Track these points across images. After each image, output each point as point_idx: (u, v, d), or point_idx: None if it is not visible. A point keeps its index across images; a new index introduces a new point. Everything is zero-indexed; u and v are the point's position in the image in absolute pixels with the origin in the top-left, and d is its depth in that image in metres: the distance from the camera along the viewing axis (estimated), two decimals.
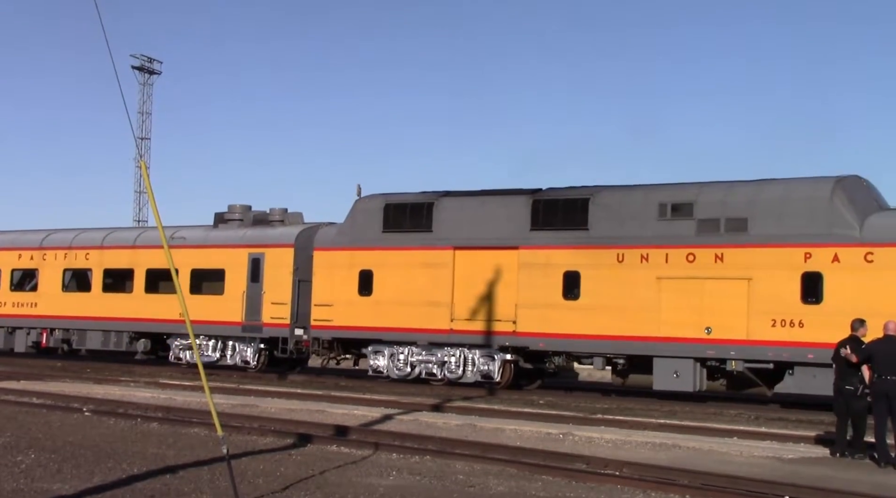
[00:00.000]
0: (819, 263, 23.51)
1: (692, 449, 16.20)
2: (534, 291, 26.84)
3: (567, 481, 12.73)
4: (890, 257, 22.71)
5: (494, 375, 27.68)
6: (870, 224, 23.29)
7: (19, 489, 10.99)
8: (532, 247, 26.92)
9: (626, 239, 25.70)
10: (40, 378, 27.47)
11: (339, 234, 30.47)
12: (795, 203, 24.18)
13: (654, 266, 25.22)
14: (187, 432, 16.57)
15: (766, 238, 24.09)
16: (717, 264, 24.54)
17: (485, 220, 27.89)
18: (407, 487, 11.99)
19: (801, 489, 12.22)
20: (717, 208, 24.94)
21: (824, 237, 23.47)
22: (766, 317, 23.86)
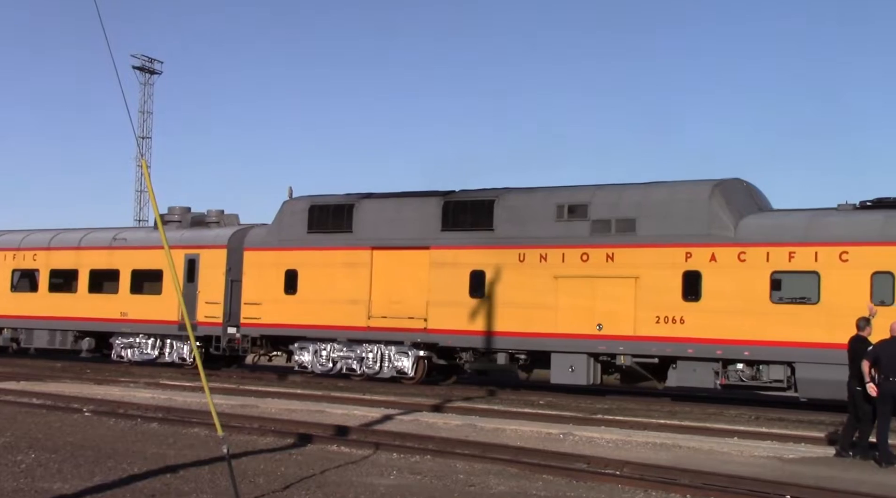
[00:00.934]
0: (698, 262, 24.64)
1: (693, 449, 16.19)
2: (443, 290, 27.92)
3: (568, 481, 12.72)
4: (759, 256, 23.87)
5: (408, 370, 28.67)
6: (744, 225, 24.42)
7: (20, 489, 10.99)
8: (442, 247, 28.04)
9: (527, 239, 26.78)
10: (40, 379, 27.47)
11: (267, 235, 31.50)
12: (678, 205, 25.27)
13: (552, 265, 26.36)
14: (187, 432, 16.56)
15: (652, 238, 25.21)
16: (608, 263, 25.70)
17: (400, 221, 28.95)
18: (407, 486, 11.99)
19: (803, 489, 12.21)
20: (609, 210, 26.03)
21: (703, 237, 24.59)
22: (651, 313, 24.97)
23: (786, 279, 23.78)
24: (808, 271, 23.42)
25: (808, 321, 23.24)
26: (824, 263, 23.28)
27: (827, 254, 23.28)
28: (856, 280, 22.84)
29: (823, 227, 23.73)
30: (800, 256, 23.53)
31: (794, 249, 23.61)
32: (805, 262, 23.46)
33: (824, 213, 24.41)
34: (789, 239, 23.79)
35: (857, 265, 22.94)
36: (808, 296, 23.48)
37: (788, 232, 23.95)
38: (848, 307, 22.14)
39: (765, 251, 23.92)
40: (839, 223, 23.69)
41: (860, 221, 23.46)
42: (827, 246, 23.33)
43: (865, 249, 22.92)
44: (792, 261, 23.61)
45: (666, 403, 24.72)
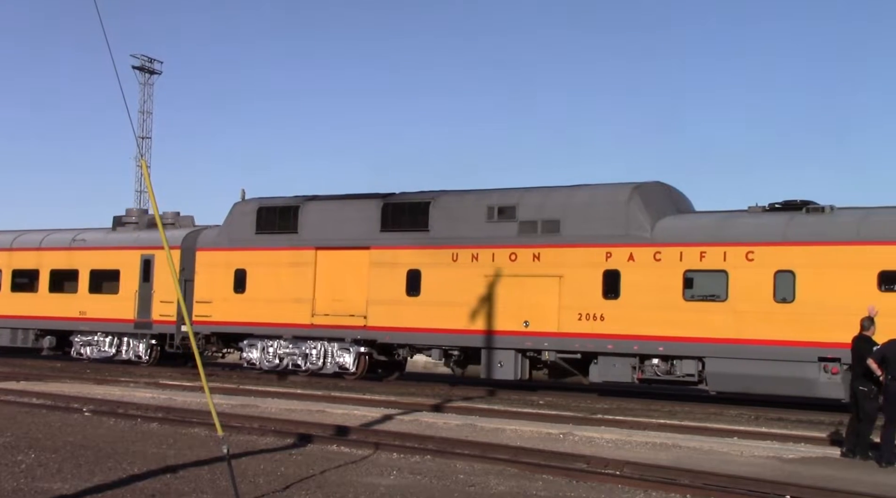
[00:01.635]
0: (618, 261, 25.66)
1: (693, 449, 16.19)
2: (382, 288, 28.92)
3: (567, 481, 12.72)
4: (673, 256, 24.96)
5: (350, 366, 29.66)
6: (660, 226, 25.51)
7: (20, 489, 10.99)
8: (381, 247, 29.04)
9: (460, 240, 27.79)
10: (40, 379, 27.48)
11: (218, 236, 32.53)
12: (599, 207, 26.32)
13: (483, 265, 27.35)
14: (187, 432, 16.56)
15: (575, 238, 26.25)
16: (534, 263, 26.67)
17: (342, 222, 29.95)
18: (407, 486, 11.99)
19: (803, 489, 12.21)
20: (536, 211, 27.06)
21: (622, 238, 25.62)
22: (574, 311, 25.97)
23: (697, 278, 24.80)
24: (717, 270, 24.46)
25: (717, 318, 24.26)
26: (732, 263, 24.28)
27: (734, 253, 24.28)
28: (760, 278, 23.90)
29: (732, 228, 24.75)
30: (710, 256, 24.58)
31: (704, 249, 24.66)
32: (714, 261, 24.50)
33: (734, 215, 25.45)
34: (700, 239, 24.83)
35: (762, 264, 23.93)
36: (717, 293, 24.46)
37: (700, 233, 25.02)
38: (753, 304, 23.80)
39: (678, 251, 24.94)
40: (746, 224, 24.71)
41: (765, 223, 24.48)
42: (734, 246, 24.33)
43: (769, 249, 23.95)
44: (703, 260, 24.65)
45: (666, 403, 24.73)
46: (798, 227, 24.01)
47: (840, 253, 23.23)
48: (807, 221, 24.10)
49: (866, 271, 22.80)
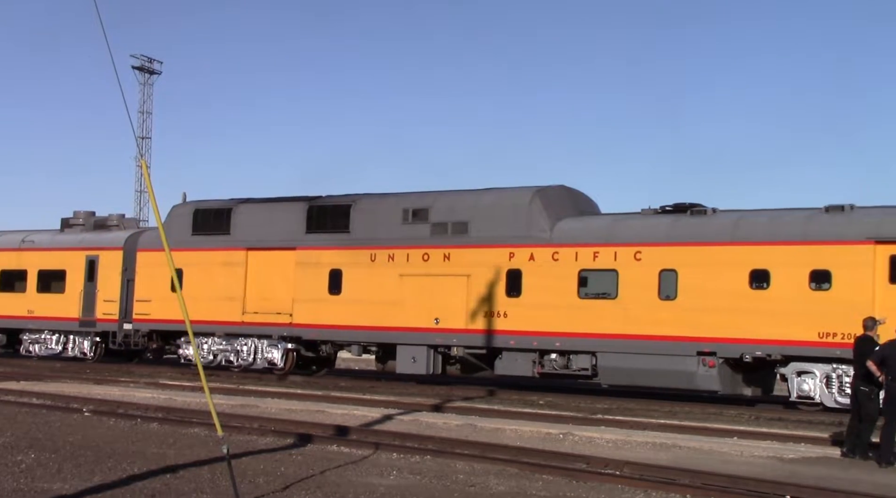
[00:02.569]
0: (520, 261, 27.00)
1: (692, 449, 16.19)
2: (306, 287, 30.24)
3: (567, 481, 12.72)
4: (570, 256, 26.35)
5: (278, 362, 30.97)
6: (559, 227, 26.83)
7: (20, 489, 10.98)
8: (306, 248, 30.34)
9: (378, 241, 29.16)
10: (40, 379, 27.46)
11: (157, 237, 33.28)
12: (504, 209, 27.64)
13: (398, 265, 28.69)
14: (187, 432, 16.56)
15: (482, 239, 27.56)
16: (445, 263, 28.03)
17: (271, 224, 31.29)
18: (407, 486, 11.99)
19: (802, 489, 12.20)
20: (447, 214, 28.42)
21: (524, 239, 26.93)
22: (480, 308, 27.32)
23: (591, 276, 26.20)
24: (608, 270, 25.89)
25: (608, 315, 25.66)
26: (622, 262, 25.70)
27: (624, 253, 25.72)
28: (647, 277, 25.31)
29: (622, 230, 26.19)
30: (602, 256, 26.00)
31: (598, 250, 26.07)
32: (606, 261, 25.93)
33: (626, 217, 26.90)
34: (594, 240, 26.24)
35: (648, 263, 25.34)
36: (609, 291, 25.85)
37: (594, 234, 26.46)
38: (640, 302, 25.27)
39: (574, 251, 26.34)
40: (635, 226, 26.12)
41: (652, 224, 25.90)
42: (624, 246, 25.74)
43: (655, 249, 25.34)
44: (596, 260, 26.08)
45: (666, 403, 24.72)
46: (681, 228, 25.42)
47: (716, 253, 24.60)
48: (689, 223, 25.50)
49: (739, 270, 24.20)
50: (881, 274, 22.83)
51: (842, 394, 22.87)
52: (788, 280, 23.72)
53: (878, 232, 22.99)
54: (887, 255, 22.80)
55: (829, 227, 23.70)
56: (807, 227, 23.97)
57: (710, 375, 24.41)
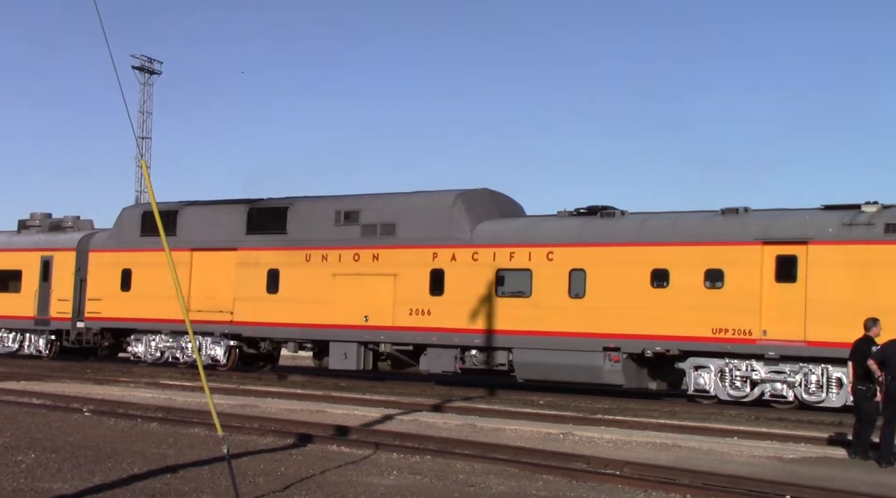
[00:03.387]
0: (443, 261, 28.22)
1: (692, 449, 16.19)
2: (246, 286, 31.59)
3: (568, 481, 12.72)
4: (488, 256, 27.64)
5: (220, 358, 32.28)
6: (479, 229, 28.14)
7: (20, 489, 10.98)
8: (246, 248, 31.65)
9: (312, 242, 30.35)
10: (40, 378, 27.46)
11: (108, 238, 35.26)
12: (429, 211, 28.91)
13: (331, 265, 29.93)
14: (187, 432, 16.55)
15: (408, 240, 28.78)
16: (374, 263, 29.28)
17: (214, 225, 32.71)
18: (407, 486, 11.98)
19: (802, 489, 12.20)
20: (376, 215, 29.72)
21: (446, 240, 28.17)
22: (406, 306, 28.61)
23: (507, 276, 27.44)
24: (523, 269, 27.09)
25: (523, 312, 26.86)
26: (536, 262, 26.93)
27: (538, 254, 26.95)
28: (558, 276, 26.55)
29: (536, 231, 27.47)
30: (518, 256, 27.24)
31: (513, 250, 27.32)
32: (521, 260, 27.16)
33: (542, 219, 28.25)
34: (511, 241, 27.48)
35: (560, 263, 26.57)
36: (523, 290, 27.07)
37: (511, 235, 27.67)
38: (552, 300, 26.46)
39: (492, 252, 27.61)
40: (549, 228, 27.45)
41: (564, 226, 27.22)
42: (538, 247, 26.96)
43: (565, 250, 26.60)
44: (512, 260, 27.32)
45: (666, 403, 24.74)
46: (590, 230, 26.73)
47: (621, 253, 25.89)
48: (598, 225, 26.85)
49: (642, 269, 25.45)
50: (768, 273, 24.07)
51: (733, 387, 24.43)
52: (685, 279, 24.91)
53: (766, 233, 24.27)
54: (774, 255, 24.05)
55: (722, 229, 24.90)
56: (703, 228, 25.18)
57: (615, 369, 25.65)
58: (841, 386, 23.13)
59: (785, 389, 23.97)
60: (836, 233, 23.46)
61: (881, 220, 23.16)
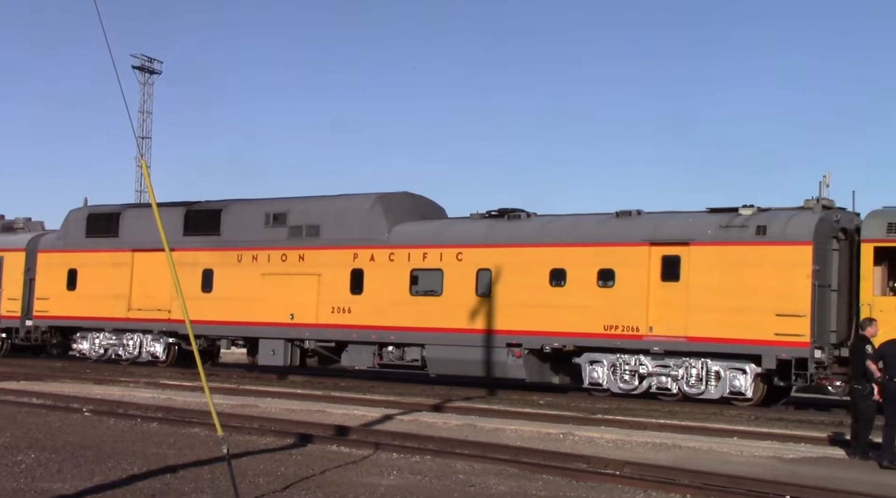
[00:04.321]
0: (362, 261, 29.40)
1: (692, 449, 16.19)
2: (183, 286, 30.77)
3: (568, 481, 12.72)
4: (403, 256, 28.74)
5: (160, 355, 33.45)
6: (396, 231, 29.31)
7: (20, 489, 10.99)
8: (183, 249, 32.21)
9: (244, 243, 31.51)
10: (40, 378, 27.44)
11: (56, 239, 36.28)
12: (350, 213, 30.07)
13: (261, 264, 31.11)
14: (187, 432, 16.56)
15: (331, 241, 29.96)
16: (300, 263, 30.43)
17: (154, 227, 33.29)
18: (407, 486, 11.99)
19: (802, 489, 12.21)
20: (302, 217, 30.81)
21: (365, 241, 29.37)
22: (328, 305, 29.77)
23: (421, 275, 28.58)
24: (435, 269, 28.29)
25: (435, 310, 28.07)
26: (447, 262, 28.12)
27: (448, 254, 28.15)
28: (467, 275, 27.78)
29: (448, 233, 28.78)
30: (430, 256, 28.42)
31: (426, 251, 28.47)
32: (434, 261, 28.34)
33: (453, 221, 29.83)
34: (424, 242, 28.66)
35: (468, 263, 27.79)
36: (435, 289, 28.29)
37: (424, 236, 28.89)
38: (461, 298, 27.69)
39: (407, 252, 28.75)
40: (459, 229, 28.77)
41: (473, 228, 28.50)
42: (448, 248, 28.16)
43: (473, 250, 27.83)
44: (425, 260, 28.47)
45: (666, 403, 24.73)
46: (496, 231, 27.94)
47: (524, 254, 27.07)
48: (504, 227, 28.08)
49: (542, 269, 26.68)
50: (654, 272, 25.30)
51: (623, 381, 25.72)
52: (581, 278, 26.20)
53: (653, 235, 25.51)
54: (660, 255, 25.30)
55: (614, 231, 26.18)
56: (597, 230, 26.48)
57: (517, 364, 26.92)
58: (719, 379, 24.51)
59: (669, 382, 25.24)
60: (714, 234, 24.71)
61: (754, 222, 24.34)
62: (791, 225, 23.97)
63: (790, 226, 23.96)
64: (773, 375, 24.10)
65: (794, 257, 23.61)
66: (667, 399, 25.05)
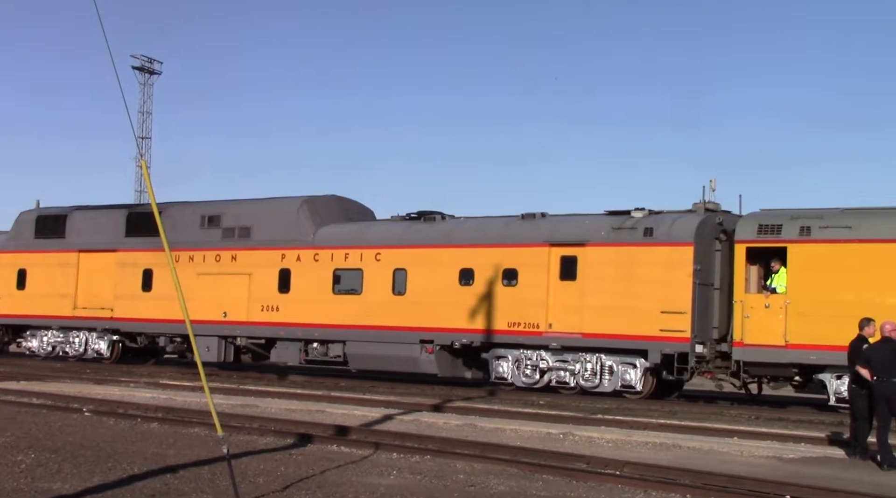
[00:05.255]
0: (289, 261, 30.70)
1: (692, 449, 16.19)
2: (125, 285, 34.07)
3: (567, 481, 12.72)
4: (327, 257, 30.23)
5: (104, 352, 34.52)
6: (321, 232, 30.65)
7: (20, 489, 10.99)
8: (125, 250, 34.04)
9: (182, 244, 32.37)
10: (40, 378, 27.43)
11: (7, 241, 37.42)
12: (278, 216, 31.30)
13: (196, 265, 32.36)
14: (187, 432, 16.56)
15: (261, 242, 31.32)
16: (232, 263, 31.85)
17: (99, 229, 35.19)
18: (407, 486, 11.99)
19: (802, 489, 12.21)
20: (235, 219, 32.28)
21: (293, 242, 30.63)
22: (259, 303, 31.15)
23: (343, 275, 29.97)
24: (356, 269, 29.69)
25: (355, 308, 29.44)
26: (366, 262, 29.55)
27: (368, 255, 29.57)
28: (384, 275, 29.22)
29: (368, 234, 30.20)
30: (352, 257, 29.82)
31: (348, 251, 29.85)
32: (354, 261, 29.75)
33: (374, 223, 31.32)
34: (346, 243, 30.03)
35: (386, 263, 29.20)
36: (356, 288, 29.67)
37: (347, 238, 30.23)
38: (379, 296, 29.10)
39: (330, 253, 30.12)
40: (378, 231, 30.26)
41: (391, 229, 29.97)
42: (368, 248, 29.61)
43: (390, 251, 29.22)
44: (347, 260, 29.85)
45: (666, 403, 24.76)
46: (411, 233, 29.39)
47: (436, 254, 28.50)
48: (419, 229, 29.56)
49: (452, 269, 28.07)
50: (554, 272, 26.69)
51: (525, 375, 27.04)
52: (487, 278, 27.51)
53: (552, 237, 26.91)
54: (559, 255, 26.66)
55: (518, 233, 27.55)
56: (502, 232, 27.84)
57: (429, 360, 28.33)
58: (612, 373, 25.90)
59: (568, 376, 26.62)
60: (606, 236, 26.15)
61: (642, 224, 25.78)
62: (675, 227, 25.36)
63: (674, 228, 25.35)
64: (661, 370, 25.29)
65: (676, 257, 25.00)
66: (566, 393, 26.43)
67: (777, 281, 24.31)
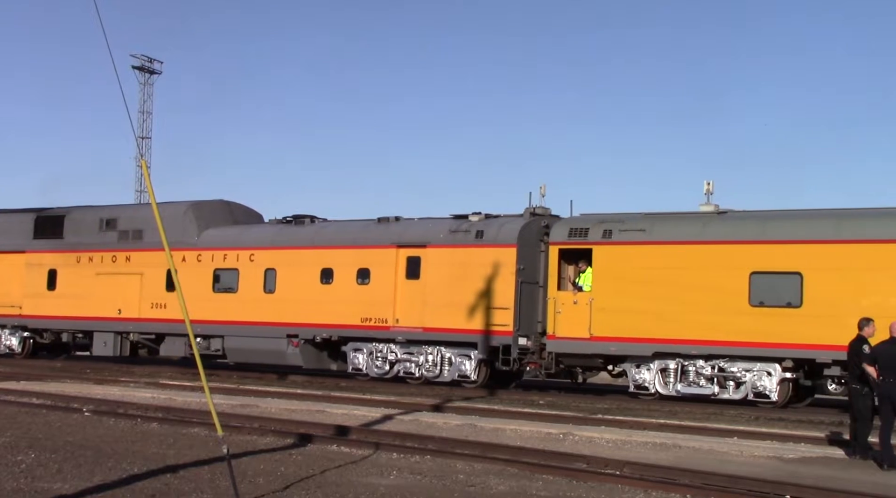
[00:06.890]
0: (176, 262, 31.35)
1: (693, 449, 16.19)
2: (32, 284, 36.31)
3: (567, 481, 12.73)
4: (209, 257, 32.50)
5: (16, 348, 36.77)
6: (205, 235, 33.03)
7: (20, 489, 10.99)
8: (33, 251, 36.31)
9: (82, 245, 35.05)
10: (40, 378, 27.46)
11: None
12: (167, 219, 31.68)
13: (96, 265, 34.73)
14: (187, 432, 16.56)
15: (152, 244, 33.05)
16: (127, 263, 34.15)
17: (9, 231, 37.44)
18: (407, 486, 11.99)
19: (803, 489, 12.21)
20: (129, 223, 34.65)
21: (179, 244, 32.34)
22: (149, 301, 33.40)
23: (222, 274, 32.31)
24: (232, 268, 32.06)
25: (232, 305, 31.74)
26: (242, 263, 31.93)
27: (244, 256, 31.98)
28: (257, 274, 31.51)
29: (245, 237, 32.55)
30: (229, 258, 32.25)
31: (226, 253, 32.33)
32: (231, 261, 32.17)
33: (251, 227, 33.62)
34: (225, 245, 32.48)
35: (258, 263, 31.59)
36: (232, 286, 32.02)
37: (226, 240, 32.66)
38: (252, 295, 31.40)
39: (211, 254, 32.52)
40: (254, 233, 32.71)
41: (263, 232, 32.70)
42: (243, 250, 32.01)
43: (263, 252, 31.70)
44: (225, 261, 32.31)
45: (666, 403, 24.75)
46: (282, 235, 31.84)
47: (301, 255, 30.79)
48: (288, 231, 31.97)
49: (314, 268, 30.39)
50: (401, 271, 29.04)
51: (377, 366, 29.43)
52: (345, 276, 29.92)
53: (401, 239, 29.23)
54: (405, 256, 29.01)
55: (372, 235, 29.89)
56: (359, 234, 30.17)
57: (295, 353, 30.75)
58: (451, 364, 28.22)
59: (413, 367, 28.92)
60: (445, 238, 28.55)
61: (475, 227, 28.22)
62: (502, 230, 27.80)
63: (501, 231, 27.80)
64: (494, 361, 27.60)
65: (502, 257, 27.38)
66: (413, 382, 28.75)
67: (584, 280, 26.77)
